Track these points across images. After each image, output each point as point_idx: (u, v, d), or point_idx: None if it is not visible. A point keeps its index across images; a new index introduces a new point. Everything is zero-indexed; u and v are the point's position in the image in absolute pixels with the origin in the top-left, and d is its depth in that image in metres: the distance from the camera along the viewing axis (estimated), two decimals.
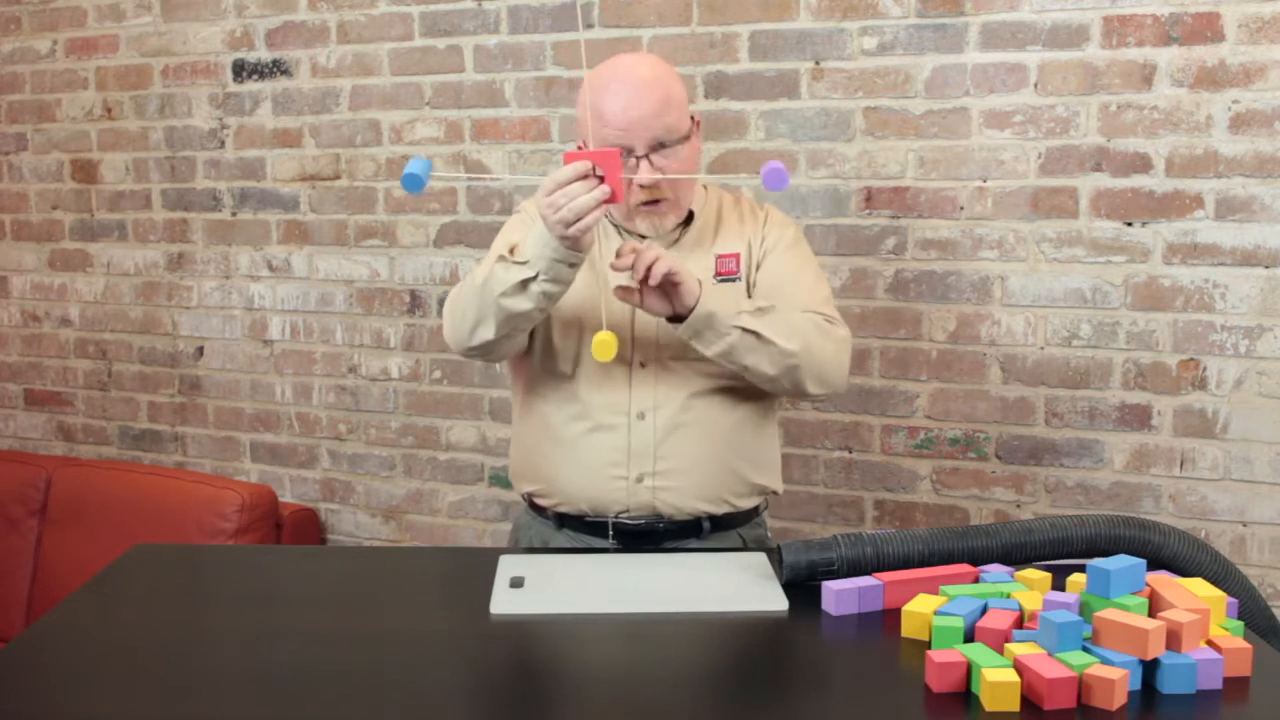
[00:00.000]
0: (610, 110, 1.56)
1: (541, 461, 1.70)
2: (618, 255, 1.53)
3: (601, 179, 1.42)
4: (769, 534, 1.83)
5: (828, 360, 1.63)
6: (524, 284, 1.50)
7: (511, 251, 1.53)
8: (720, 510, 1.69)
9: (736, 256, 1.70)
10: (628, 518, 1.66)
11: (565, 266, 1.48)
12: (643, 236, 1.69)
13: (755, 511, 1.76)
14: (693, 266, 1.65)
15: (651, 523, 1.66)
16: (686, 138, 1.62)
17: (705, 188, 1.77)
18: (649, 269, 1.49)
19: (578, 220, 1.41)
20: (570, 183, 1.41)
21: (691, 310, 1.52)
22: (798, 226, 1.78)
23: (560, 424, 1.67)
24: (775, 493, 1.79)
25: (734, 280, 1.69)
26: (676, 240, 1.71)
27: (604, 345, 1.45)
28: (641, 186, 1.59)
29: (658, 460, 1.64)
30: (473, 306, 1.56)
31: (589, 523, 1.68)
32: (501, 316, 1.53)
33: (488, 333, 1.56)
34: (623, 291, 1.54)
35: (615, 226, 1.71)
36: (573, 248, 1.46)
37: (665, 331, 1.63)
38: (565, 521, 1.71)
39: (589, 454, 1.65)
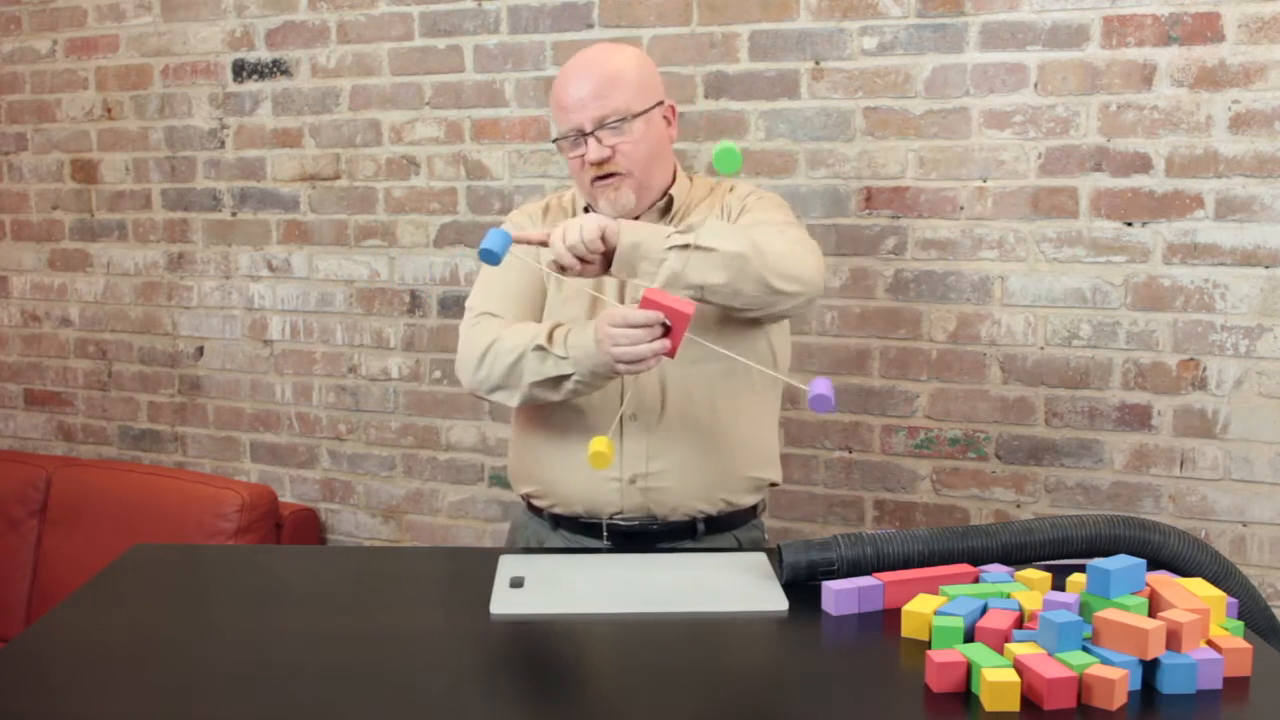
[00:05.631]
0: (563, 94, 1.65)
1: (537, 463, 1.71)
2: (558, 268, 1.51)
3: (667, 330, 1.43)
4: (765, 536, 1.82)
5: (784, 253, 1.56)
6: (558, 380, 1.56)
7: (551, 336, 1.56)
8: (716, 510, 1.69)
9: None
10: (621, 519, 1.66)
11: (604, 379, 1.55)
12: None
13: (753, 512, 1.76)
14: None
15: (645, 524, 1.66)
16: (642, 116, 1.64)
17: (690, 178, 1.79)
18: (577, 240, 1.46)
19: (632, 363, 1.46)
20: (639, 328, 1.44)
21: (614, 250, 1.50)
22: (760, 190, 1.78)
23: (555, 425, 1.68)
24: (775, 484, 1.78)
25: None
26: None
27: (600, 457, 1.39)
28: (591, 163, 1.64)
29: (650, 461, 1.65)
30: (498, 375, 1.61)
31: (584, 523, 1.69)
32: (528, 397, 1.60)
33: (509, 401, 1.63)
34: (557, 267, 1.51)
35: (586, 209, 1.73)
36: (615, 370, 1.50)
37: None
38: (561, 522, 1.72)
39: (583, 455, 1.65)
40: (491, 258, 1.41)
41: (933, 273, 2.33)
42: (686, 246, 1.48)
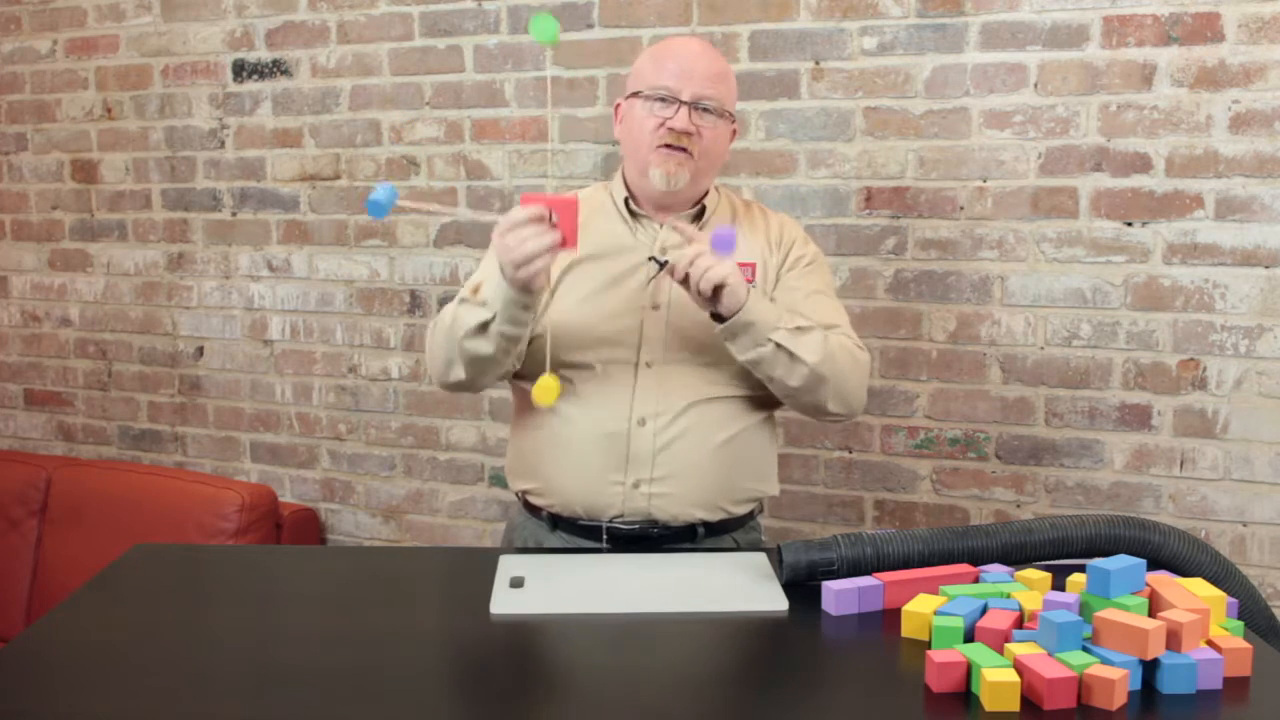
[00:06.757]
0: (672, 60, 1.65)
1: (538, 460, 1.70)
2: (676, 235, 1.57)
3: (556, 225, 1.42)
4: (763, 537, 1.83)
5: (852, 385, 1.66)
6: (483, 326, 1.54)
7: (476, 292, 1.57)
8: (715, 517, 1.68)
9: (753, 266, 1.71)
10: (622, 522, 1.66)
11: (519, 309, 1.51)
12: (658, 227, 1.71)
13: (750, 515, 1.76)
14: None
15: (645, 528, 1.66)
16: (725, 119, 1.68)
17: (717, 189, 1.78)
18: (698, 276, 1.49)
19: (527, 263, 1.42)
20: (524, 225, 1.42)
21: (735, 313, 1.53)
22: (817, 246, 1.81)
23: (560, 425, 1.67)
24: (772, 496, 1.79)
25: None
26: None
27: (545, 390, 1.42)
28: (671, 129, 1.63)
29: (656, 467, 1.64)
30: (442, 348, 1.62)
31: (582, 525, 1.68)
32: (467, 358, 1.58)
33: (459, 373, 1.61)
34: (662, 251, 1.56)
35: (630, 212, 1.72)
36: (523, 290, 1.48)
37: (673, 333, 1.64)
38: (559, 523, 1.70)
39: (587, 457, 1.65)
40: (377, 209, 1.37)
41: (933, 273, 2.34)
42: (786, 350, 1.56)
